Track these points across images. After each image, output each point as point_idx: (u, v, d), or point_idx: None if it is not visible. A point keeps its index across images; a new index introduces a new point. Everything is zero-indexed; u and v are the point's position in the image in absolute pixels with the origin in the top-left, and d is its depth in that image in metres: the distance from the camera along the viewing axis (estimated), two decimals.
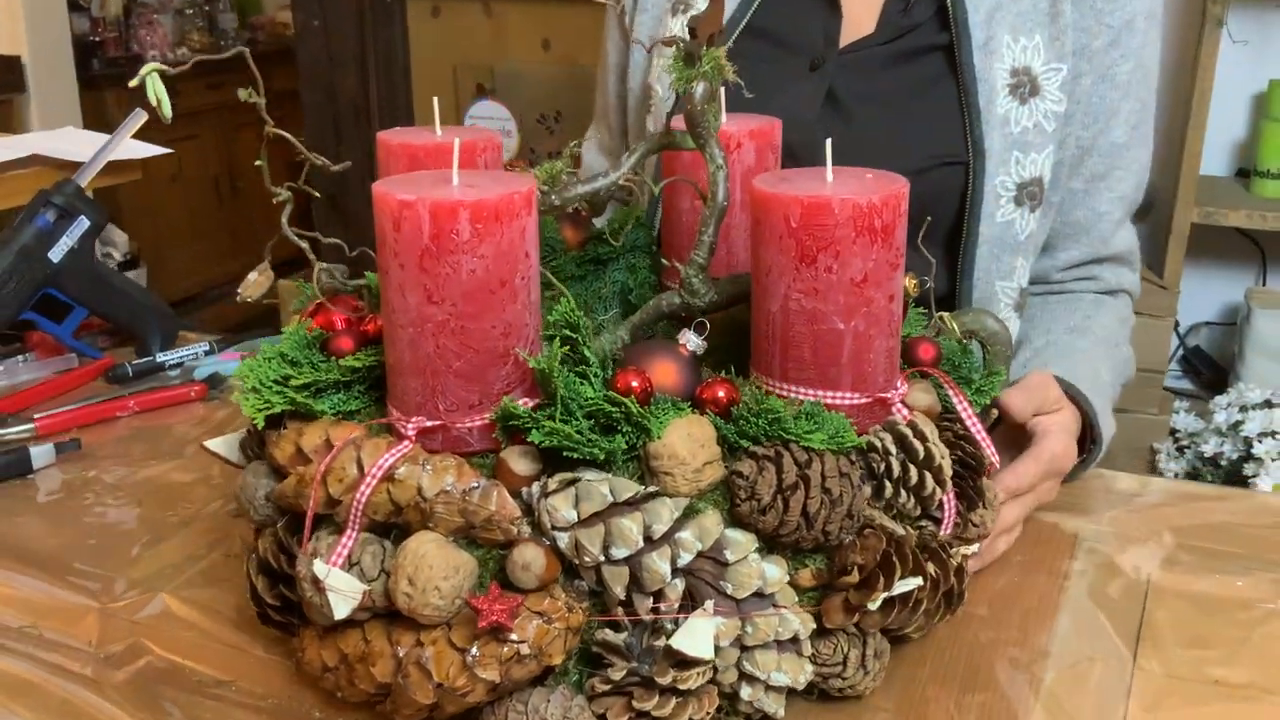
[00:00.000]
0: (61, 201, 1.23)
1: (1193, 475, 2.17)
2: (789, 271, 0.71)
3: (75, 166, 1.34)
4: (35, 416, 1.14)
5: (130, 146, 1.34)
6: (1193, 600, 0.84)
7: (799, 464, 0.67)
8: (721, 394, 0.70)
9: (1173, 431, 2.29)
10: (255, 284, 0.86)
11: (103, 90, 3.75)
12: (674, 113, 0.81)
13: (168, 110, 0.70)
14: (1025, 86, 1.08)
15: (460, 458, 0.69)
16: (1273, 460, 1.99)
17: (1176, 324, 2.55)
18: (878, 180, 0.73)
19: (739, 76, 1.16)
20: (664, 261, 0.93)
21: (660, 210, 1.00)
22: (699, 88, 0.78)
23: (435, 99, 0.90)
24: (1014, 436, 0.92)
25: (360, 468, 0.69)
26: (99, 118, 3.63)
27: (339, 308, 0.82)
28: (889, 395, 0.74)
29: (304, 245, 0.85)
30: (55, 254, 1.22)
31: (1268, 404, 2.12)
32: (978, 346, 0.91)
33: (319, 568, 0.68)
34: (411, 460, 0.68)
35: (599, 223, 0.98)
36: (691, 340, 0.73)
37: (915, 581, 0.70)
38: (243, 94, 0.75)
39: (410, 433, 0.69)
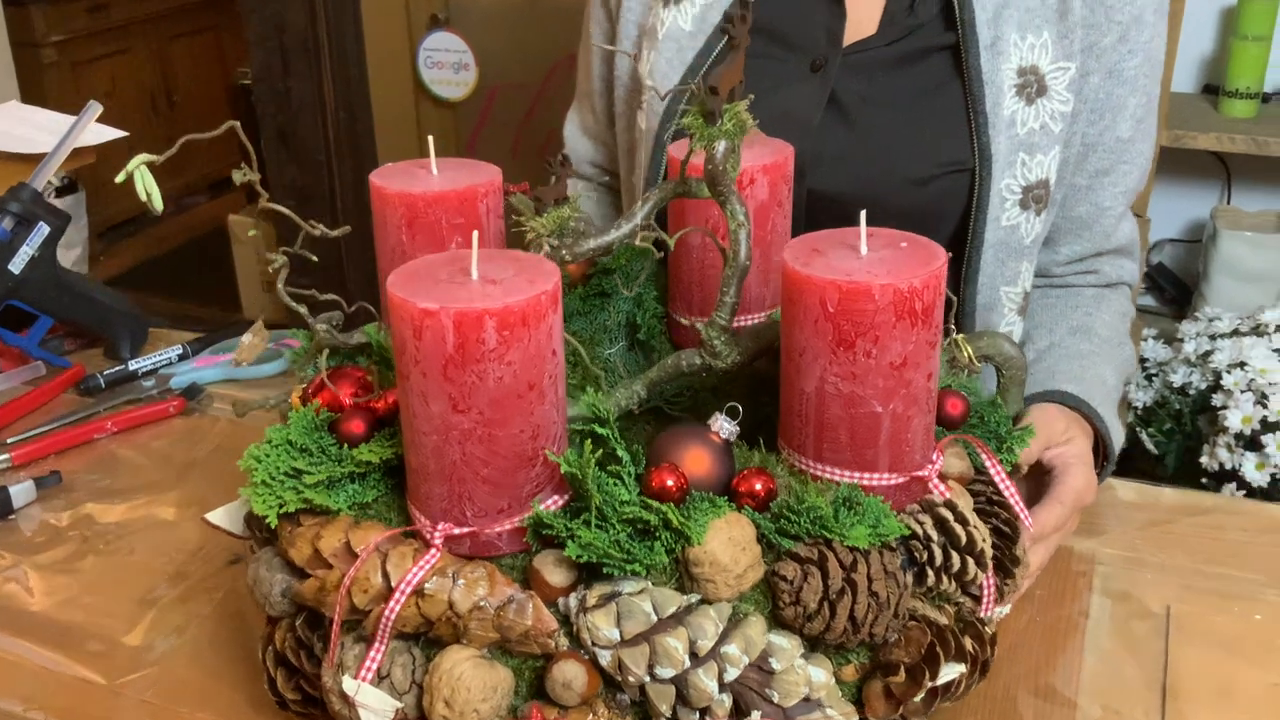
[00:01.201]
0: (19, 209, 1.16)
1: (1161, 404, 2.19)
2: (825, 354, 0.68)
3: (25, 160, 1.27)
4: (9, 442, 1.09)
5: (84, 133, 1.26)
6: (1215, 640, 0.84)
7: (844, 566, 0.65)
8: (759, 487, 0.68)
9: (1142, 360, 2.31)
10: (250, 346, 0.82)
11: (27, 6, 3.56)
12: (688, 154, 0.77)
13: (159, 204, 0.65)
14: (1032, 86, 1.04)
15: (490, 564, 0.66)
16: (1241, 392, 2.01)
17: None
18: (914, 253, 0.69)
19: (722, 23, 1.10)
20: (675, 317, 0.90)
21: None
22: (720, 145, 0.73)
23: (430, 138, 0.85)
24: (1031, 469, 0.91)
25: (385, 577, 0.66)
26: (25, 35, 3.46)
27: (342, 380, 0.77)
28: (925, 473, 0.72)
29: (301, 309, 0.80)
30: (15, 265, 1.16)
31: (1236, 333, 2.13)
32: (992, 370, 0.90)
33: (349, 684, 0.66)
34: (440, 573, 0.65)
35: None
36: (724, 427, 0.70)
37: (959, 669, 0.69)
38: (237, 176, 0.69)
39: (437, 541, 0.66)
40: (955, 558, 0.69)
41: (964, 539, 0.69)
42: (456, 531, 0.66)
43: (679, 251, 0.89)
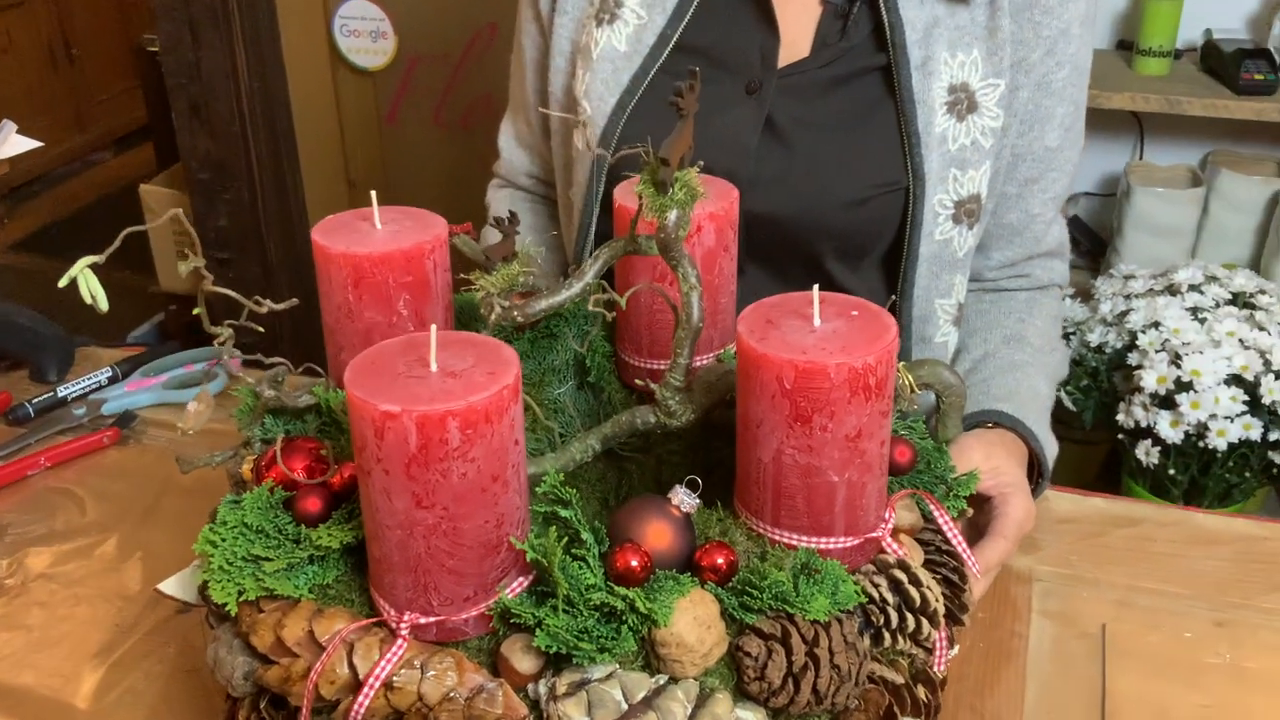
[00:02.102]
0: None
1: (1078, 362, 2.25)
2: (782, 427, 0.69)
3: None
4: None
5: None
6: (1148, 661, 0.88)
7: (806, 641, 0.67)
8: (721, 561, 0.69)
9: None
10: (196, 414, 0.80)
11: None
12: (636, 214, 0.76)
13: (104, 304, 0.63)
14: (963, 104, 1.05)
15: (458, 652, 0.67)
16: (1156, 352, 2.07)
17: None
18: (866, 326, 0.70)
19: (671, 95, 1.10)
20: (624, 357, 0.90)
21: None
22: (672, 215, 0.73)
23: (373, 193, 0.83)
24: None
25: (352, 667, 0.67)
26: None
27: (295, 453, 0.76)
28: (879, 533, 0.74)
29: (250, 381, 0.79)
30: None
31: (1151, 292, 2.19)
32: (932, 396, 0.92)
33: None
34: (408, 664, 0.66)
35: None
36: (685, 501, 0.71)
37: None
38: (183, 267, 0.68)
39: (404, 632, 0.67)
40: (910, 619, 0.71)
41: (918, 600, 0.71)
42: (423, 621, 0.67)
43: (626, 288, 0.89)
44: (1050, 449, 1.03)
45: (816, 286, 0.71)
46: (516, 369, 0.65)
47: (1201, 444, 2.03)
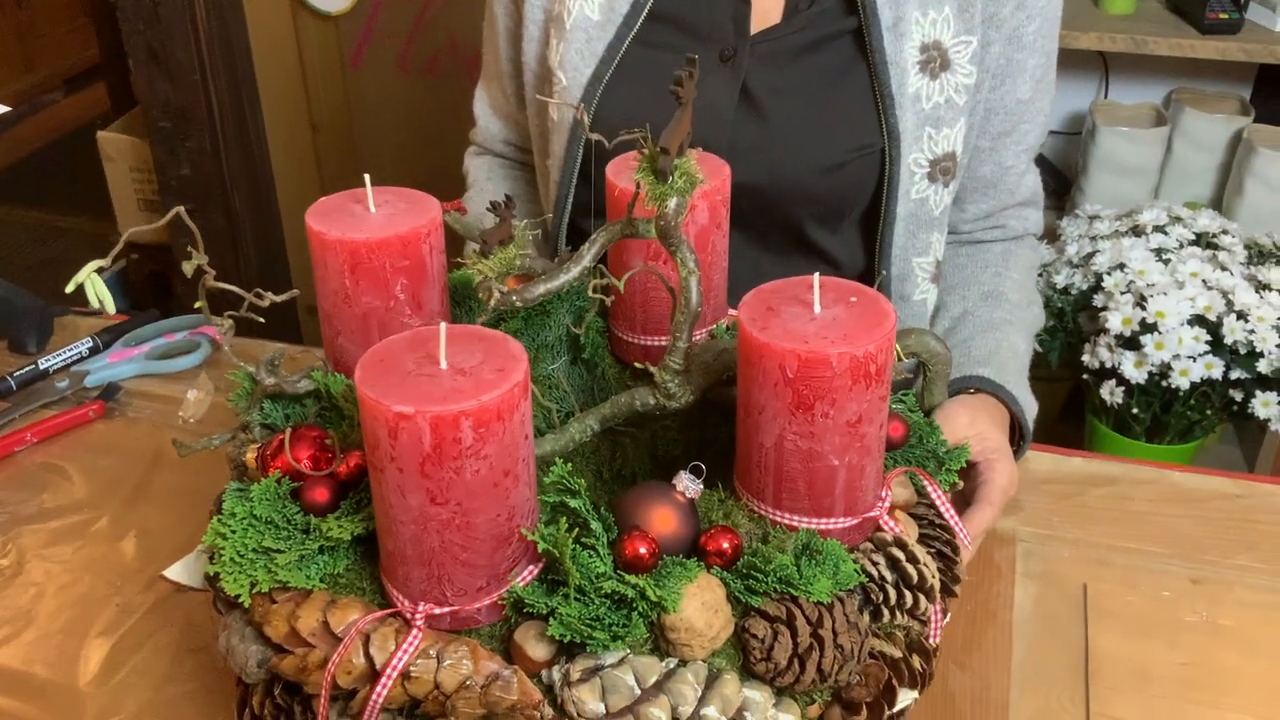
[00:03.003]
0: None
1: (1044, 303, 2.28)
2: (784, 414, 0.70)
3: None
4: None
5: None
6: (1129, 621, 0.91)
7: (811, 623, 0.69)
8: (726, 545, 0.71)
9: None
10: (196, 402, 0.81)
11: None
12: (634, 198, 0.77)
13: (111, 308, 0.63)
14: (935, 61, 1.06)
15: (472, 640, 0.68)
16: (1121, 294, 2.11)
17: None
18: (865, 312, 0.71)
19: (645, 65, 1.10)
20: (617, 333, 0.91)
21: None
22: (672, 202, 0.74)
23: (367, 176, 0.83)
24: None
25: (368, 657, 0.68)
26: None
27: (300, 443, 0.77)
28: (876, 512, 0.75)
29: (249, 369, 0.79)
30: None
31: (1116, 234, 2.22)
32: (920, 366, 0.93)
33: None
34: (424, 654, 0.67)
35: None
36: (690, 487, 0.72)
37: (912, 695, 0.74)
38: (188, 267, 0.67)
39: (419, 622, 0.68)
40: (908, 595, 0.73)
41: (915, 577, 0.73)
42: (437, 611, 0.68)
43: (619, 271, 0.89)
44: (1030, 410, 1.06)
45: (817, 275, 0.72)
46: (525, 364, 0.66)
47: (1165, 383, 2.07)
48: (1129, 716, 0.83)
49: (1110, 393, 2.14)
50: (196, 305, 0.79)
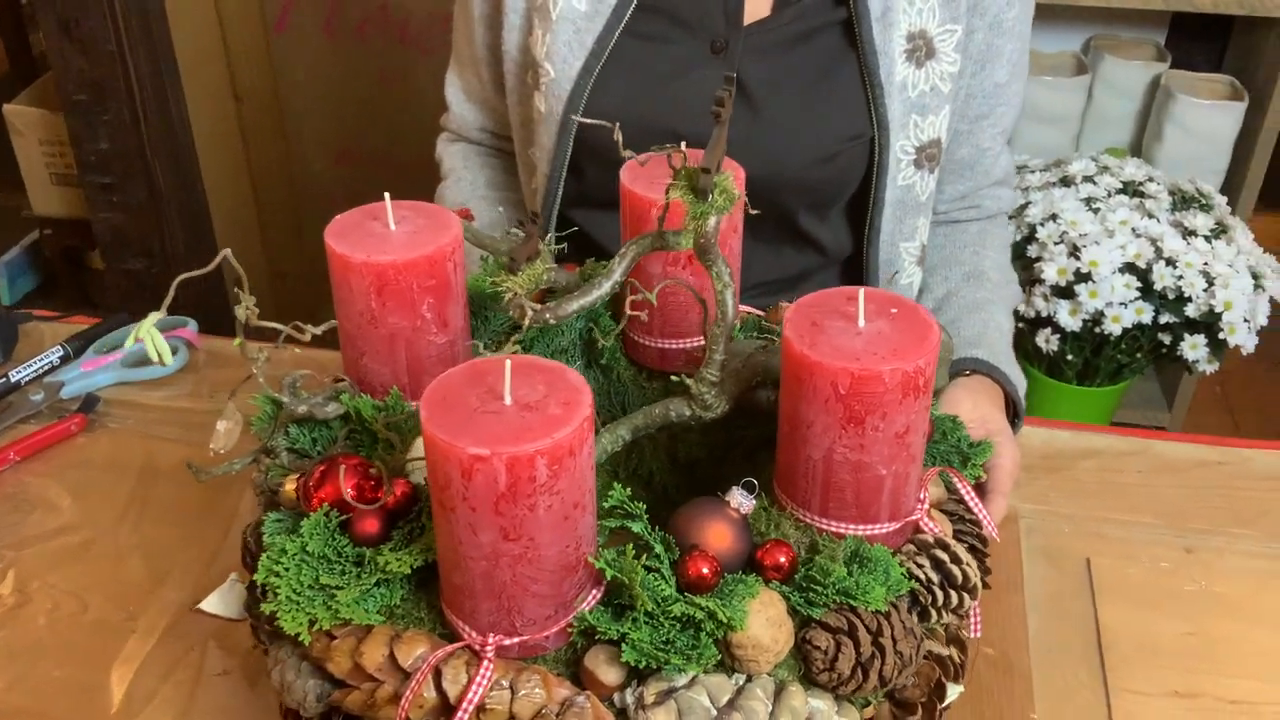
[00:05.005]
0: None
1: None
2: (834, 428, 0.72)
3: None
4: None
5: None
6: (1132, 593, 0.95)
7: (871, 631, 0.71)
8: (783, 559, 0.72)
9: None
10: (227, 432, 0.79)
11: None
12: (664, 208, 0.77)
13: (169, 359, 0.62)
14: (921, 50, 1.07)
15: (541, 668, 0.69)
16: (1055, 244, 2.16)
17: None
18: (909, 325, 0.73)
19: (636, 57, 1.09)
20: (633, 337, 0.91)
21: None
22: (712, 220, 0.74)
23: (387, 194, 0.82)
24: None
25: (440, 690, 0.68)
26: None
27: (345, 473, 0.76)
28: (917, 516, 0.77)
29: (278, 395, 0.77)
30: None
31: (1047, 185, 2.27)
32: None
33: None
34: (497, 685, 0.68)
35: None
36: (744, 503, 0.73)
37: (959, 689, 0.76)
38: (240, 311, 0.66)
39: (490, 653, 0.68)
40: (953, 595, 0.76)
41: (959, 577, 0.76)
42: (507, 642, 0.68)
43: (639, 276, 0.89)
44: (1022, 387, 1.09)
45: (863, 291, 0.73)
46: (590, 396, 0.66)
47: (1098, 329, 2.14)
48: (1145, 688, 0.87)
49: (1046, 341, 2.20)
50: (164, 306, 0.77)
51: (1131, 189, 2.24)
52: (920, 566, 0.76)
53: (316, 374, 0.84)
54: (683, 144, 0.76)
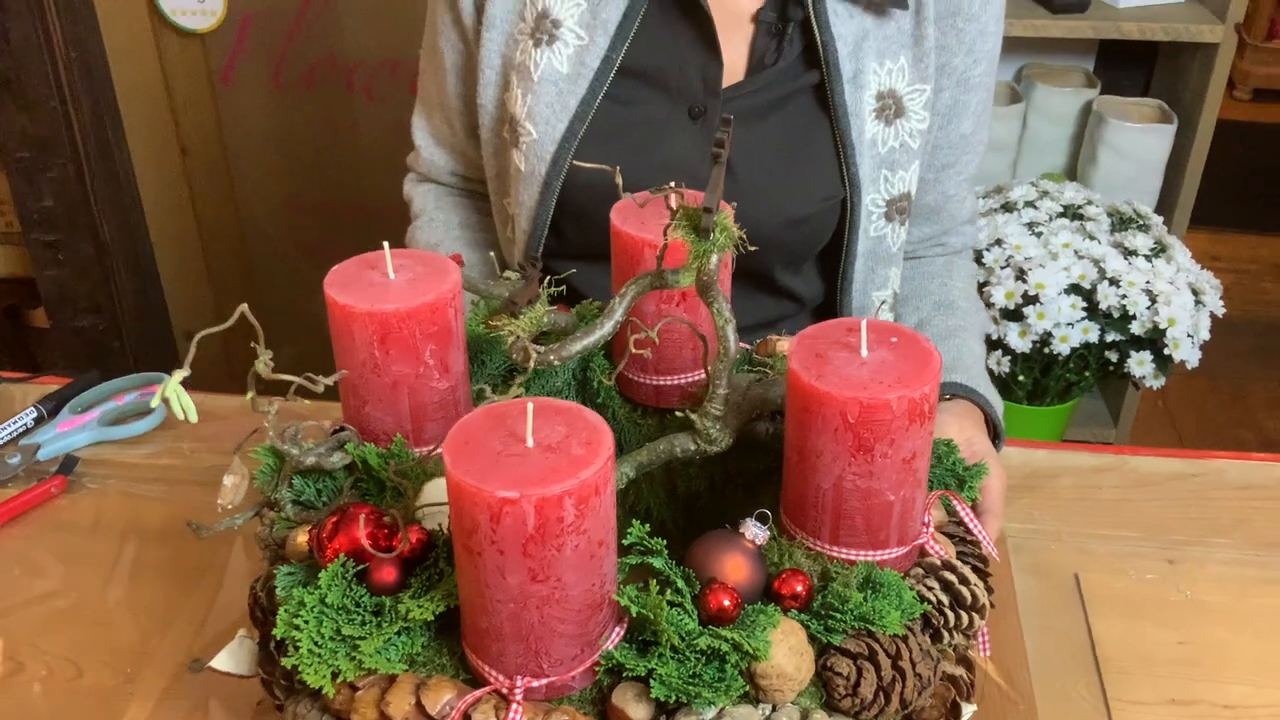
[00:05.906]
0: None
1: None
2: (844, 457, 0.73)
3: None
4: None
5: None
6: (1123, 606, 0.98)
7: (890, 655, 0.72)
8: (800, 588, 0.73)
9: None
10: (234, 488, 0.79)
11: None
12: (663, 247, 0.78)
13: (194, 417, 0.61)
14: (891, 109, 1.10)
15: (570, 709, 0.69)
16: (1001, 269, 2.21)
17: None
18: (910, 353, 0.75)
19: (617, 121, 1.11)
20: (628, 375, 0.92)
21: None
22: (714, 259, 0.76)
23: (385, 243, 0.82)
24: None
25: None
26: None
27: (358, 523, 0.76)
28: (924, 539, 0.79)
29: (287, 449, 0.77)
30: None
31: (991, 211, 2.32)
32: None
33: None
34: None
35: None
36: (759, 534, 0.75)
37: (972, 708, 0.78)
38: (260, 366, 0.66)
39: (519, 696, 0.68)
40: (963, 616, 0.77)
41: (969, 598, 0.78)
42: (534, 684, 0.69)
43: (634, 315, 0.90)
44: (1000, 408, 1.11)
45: (865, 321, 0.75)
46: (610, 435, 0.67)
47: (1046, 350, 2.19)
48: (1144, 698, 0.89)
49: (997, 363, 2.24)
50: (180, 370, 0.77)
51: (1072, 212, 2.30)
52: (930, 589, 0.77)
53: (318, 423, 0.83)
54: (681, 183, 0.77)
